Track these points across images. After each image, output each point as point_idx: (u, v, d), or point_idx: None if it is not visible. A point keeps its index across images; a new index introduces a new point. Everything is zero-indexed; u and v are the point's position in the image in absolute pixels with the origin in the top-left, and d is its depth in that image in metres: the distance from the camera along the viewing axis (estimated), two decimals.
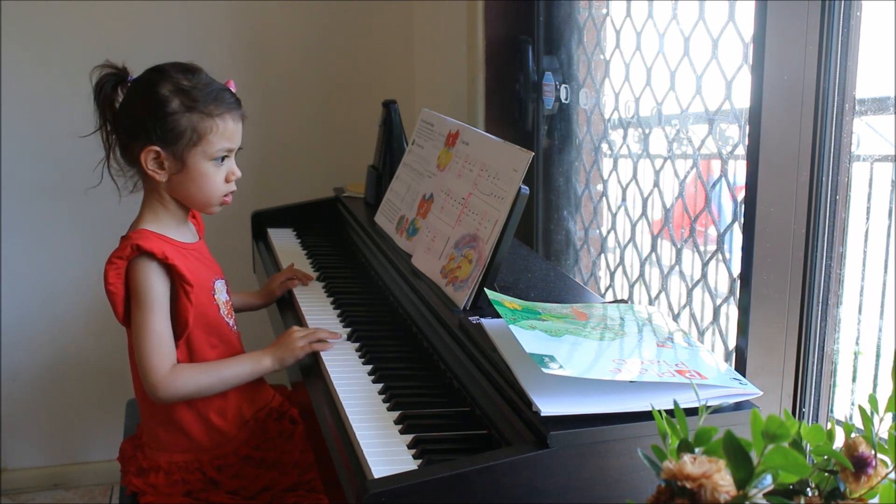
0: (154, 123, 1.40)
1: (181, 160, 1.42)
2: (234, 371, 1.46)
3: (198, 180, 1.44)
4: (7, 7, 2.33)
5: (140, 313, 1.40)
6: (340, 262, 1.97)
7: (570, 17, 1.94)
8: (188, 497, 1.50)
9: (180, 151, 1.42)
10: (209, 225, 1.74)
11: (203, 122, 1.42)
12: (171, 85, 1.42)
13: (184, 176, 1.44)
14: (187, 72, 1.44)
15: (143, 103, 1.42)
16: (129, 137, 1.44)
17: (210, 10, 2.47)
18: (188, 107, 1.41)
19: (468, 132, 1.61)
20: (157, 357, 1.40)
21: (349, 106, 2.62)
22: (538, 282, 1.52)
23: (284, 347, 1.46)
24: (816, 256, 1.20)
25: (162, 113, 1.40)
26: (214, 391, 1.47)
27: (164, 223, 1.48)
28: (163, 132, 1.40)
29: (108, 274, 1.40)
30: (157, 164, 1.43)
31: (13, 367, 2.55)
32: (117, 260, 1.40)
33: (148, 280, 1.40)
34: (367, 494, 0.93)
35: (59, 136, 2.40)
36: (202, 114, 1.42)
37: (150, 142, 1.41)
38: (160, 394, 1.41)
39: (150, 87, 1.42)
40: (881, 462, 0.74)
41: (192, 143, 1.42)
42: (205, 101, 1.42)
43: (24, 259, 2.49)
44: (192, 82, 1.43)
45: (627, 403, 1.01)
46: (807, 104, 1.17)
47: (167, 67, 1.45)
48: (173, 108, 1.41)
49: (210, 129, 1.42)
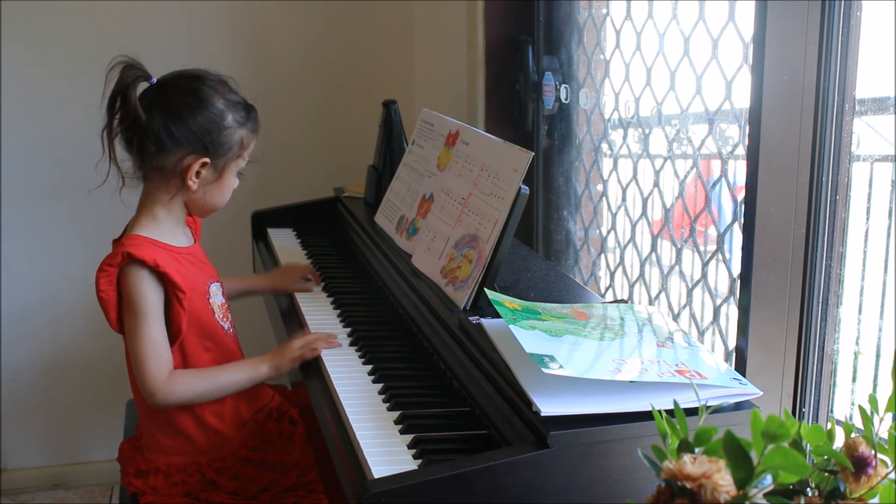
0: (211, 136, 1.42)
1: (219, 172, 1.46)
2: (232, 378, 1.47)
3: (222, 190, 1.49)
4: (7, 7, 2.33)
5: (134, 321, 1.40)
6: (340, 262, 1.97)
7: (570, 17, 1.94)
8: (188, 498, 1.50)
9: (223, 164, 1.45)
10: (209, 225, 1.74)
11: (247, 137, 1.48)
12: (221, 98, 1.44)
13: (214, 186, 1.47)
14: (223, 84, 1.47)
15: (200, 115, 1.41)
16: (173, 144, 1.40)
17: (210, 10, 2.47)
18: (240, 122, 1.46)
19: (468, 132, 1.61)
20: (154, 364, 1.40)
21: (349, 106, 2.62)
22: (538, 282, 1.52)
23: (281, 356, 1.47)
24: (816, 256, 1.20)
25: (220, 126, 1.42)
26: (212, 398, 1.48)
27: (162, 227, 1.47)
28: (217, 145, 1.43)
29: (100, 281, 1.40)
30: (197, 175, 1.43)
31: (13, 367, 2.55)
32: (108, 267, 1.40)
33: (140, 288, 1.40)
34: (367, 494, 0.93)
35: (59, 136, 2.40)
36: (248, 129, 1.47)
37: (203, 153, 1.42)
38: (158, 400, 1.41)
39: (203, 99, 1.42)
40: (881, 462, 0.74)
41: (233, 156, 1.46)
42: (247, 118, 1.48)
43: (24, 259, 2.49)
44: (234, 97, 1.47)
45: (627, 403, 1.01)
46: (807, 104, 1.17)
47: (206, 76, 1.45)
48: (229, 122, 1.44)
49: (249, 144, 1.49)
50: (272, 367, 1.47)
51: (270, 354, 1.48)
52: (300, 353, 1.45)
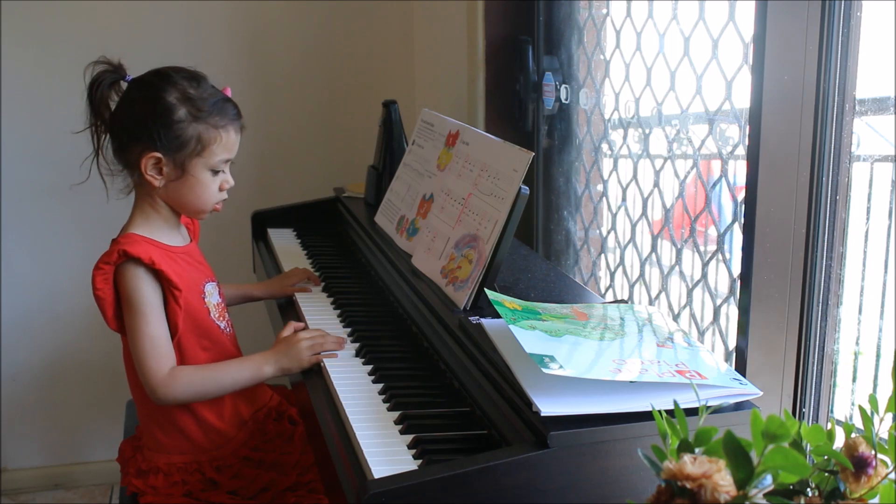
0: (159, 130, 1.40)
1: (181, 168, 1.42)
2: (234, 378, 1.45)
3: (195, 189, 1.45)
4: (7, 7, 2.33)
5: (133, 319, 1.40)
6: (340, 262, 1.97)
7: (570, 17, 1.94)
8: (188, 498, 1.50)
9: (182, 160, 1.42)
10: (209, 225, 1.74)
11: (208, 132, 1.42)
12: (178, 92, 1.41)
13: (181, 183, 1.44)
14: (192, 79, 1.44)
15: (148, 108, 1.41)
16: (129, 140, 1.43)
17: (210, 10, 2.47)
18: (195, 116, 1.41)
19: (468, 132, 1.61)
20: (155, 360, 1.40)
21: (349, 106, 2.62)
22: (538, 282, 1.52)
23: (290, 357, 1.42)
24: (816, 256, 1.20)
25: (168, 120, 1.40)
26: (214, 395, 1.47)
27: (155, 227, 1.47)
28: (167, 140, 1.40)
29: (96, 279, 1.40)
30: (156, 170, 1.42)
31: (13, 367, 2.55)
32: (104, 265, 1.40)
33: (137, 286, 1.40)
34: (367, 494, 0.93)
35: (59, 135, 2.38)
36: (208, 124, 1.42)
37: (153, 148, 1.40)
38: (160, 396, 1.41)
39: (156, 93, 1.41)
40: (881, 462, 0.74)
41: (195, 153, 1.42)
42: (210, 112, 1.42)
43: (24, 259, 2.49)
44: (198, 91, 1.43)
45: (627, 403, 1.01)
46: (807, 104, 1.17)
47: (172, 73, 1.44)
48: (180, 116, 1.40)
49: (214, 140, 1.43)
50: (278, 368, 1.44)
51: (275, 353, 1.44)
52: (313, 360, 1.41)
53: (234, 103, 1.47)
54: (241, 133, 1.48)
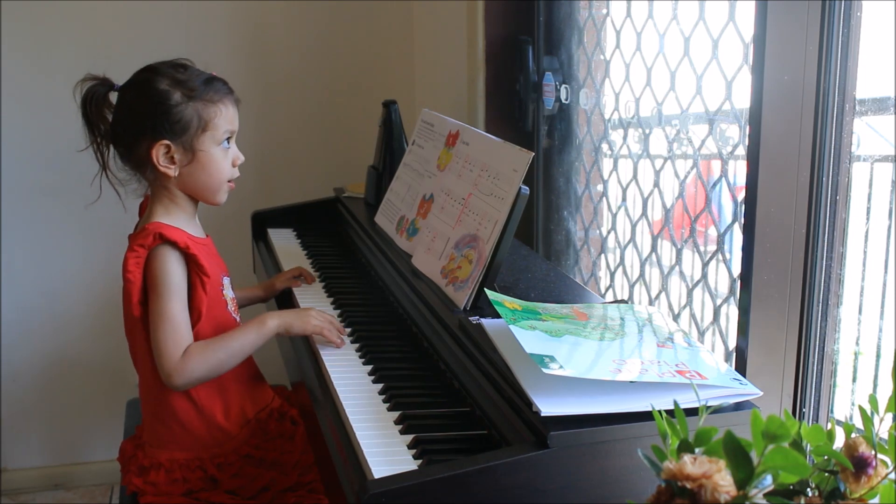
0: (160, 118, 1.42)
1: (191, 150, 1.45)
2: (241, 341, 1.46)
3: (208, 167, 1.47)
4: (7, 8, 2.33)
5: (158, 300, 1.41)
6: (340, 262, 1.97)
7: (570, 17, 1.95)
8: (187, 497, 1.50)
9: (189, 141, 1.44)
10: (209, 225, 1.74)
11: (206, 108, 1.45)
12: (167, 79, 1.44)
13: (193, 166, 1.46)
14: (177, 66, 1.47)
15: (144, 102, 1.43)
16: (134, 138, 1.45)
17: (210, 10, 2.47)
18: (189, 97, 1.44)
19: (468, 132, 1.61)
20: (173, 343, 1.40)
21: (349, 106, 2.62)
22: (538, 282, 1.52)
23: (297, 316, 1.47)
24: (816, 256, 1.20)
25: (166, 106, 1.42)
26: (226, 366, 1.45)
27: (176, 218, 1.49)
28: (170, 125, 1.42)
29: (128, 262, 1.41)
30: (168, 159, 1.44)
31: (13, 367, 2.55)
32: (139, 248, 1.41)
33: (170, 269, 1.41)
34: (367, 494, 0.93)
35: (59, 136, 2.39)
36: (204, 101, 1.45)
37: (160, 137, 1.42)
38: (175, 381, 1.40)
39: (147, 85, 1.44)
40: (881, 462, 0.74)
41: (199, 130, 1.44)
42: (203, 90, 1.45)
43: (24, 259, 2.49)
44: (185, 75, 1.46)
45: (627, 404, 1.01)
46: (807, 104, 1.17)
47: (157, 65, 1.47)
48: (176, 99, 1.43)
49: (214, 114, 1.45)
50: (282, 322, 1.47)
51: (282, 312, 1.49)
52: (320, 329, 1.46)
53: (223, 80, 1.50)
54: (237, 106, 1.51)
